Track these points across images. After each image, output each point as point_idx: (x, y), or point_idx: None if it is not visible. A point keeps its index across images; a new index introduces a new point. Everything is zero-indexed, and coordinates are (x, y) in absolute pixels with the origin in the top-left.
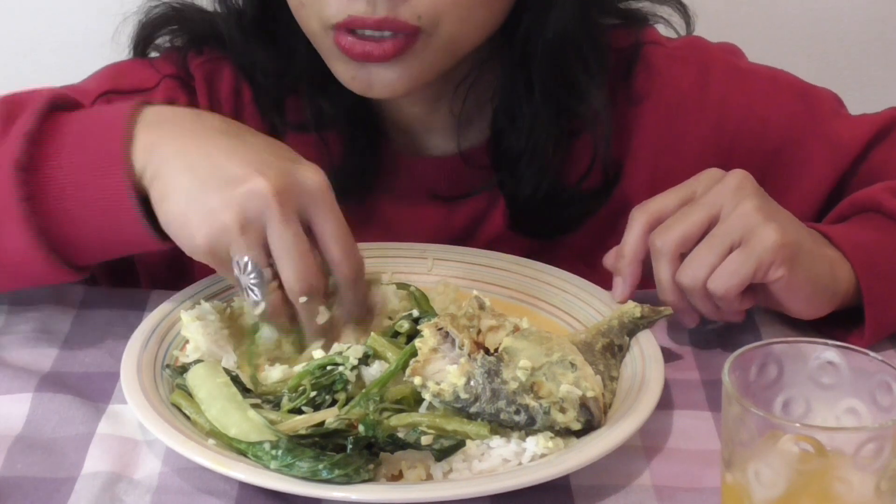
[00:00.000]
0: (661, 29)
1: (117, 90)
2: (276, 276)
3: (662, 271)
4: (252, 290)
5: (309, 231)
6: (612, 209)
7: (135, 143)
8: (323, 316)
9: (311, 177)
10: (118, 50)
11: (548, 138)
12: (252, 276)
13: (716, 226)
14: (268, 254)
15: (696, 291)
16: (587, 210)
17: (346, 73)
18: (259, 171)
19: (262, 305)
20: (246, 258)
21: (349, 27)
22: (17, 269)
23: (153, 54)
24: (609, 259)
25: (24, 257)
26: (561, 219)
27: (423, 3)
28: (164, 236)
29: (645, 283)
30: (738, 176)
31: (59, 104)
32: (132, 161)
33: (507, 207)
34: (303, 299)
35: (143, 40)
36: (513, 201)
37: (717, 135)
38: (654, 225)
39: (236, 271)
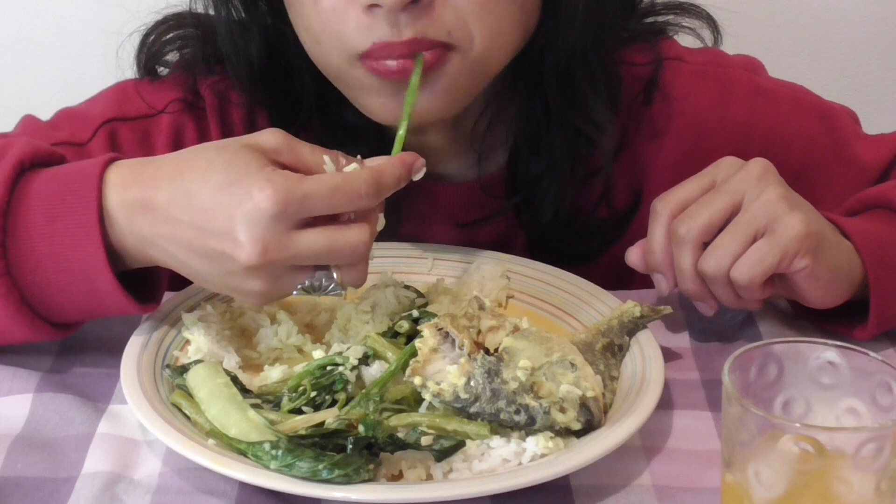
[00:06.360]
0: (684, 39)
1: (122, 117)
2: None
3: (685, 259)
4: (330, 292)
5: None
6: (633, 238)
7: (108, 214)
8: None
9: (264, 202)
10: (126, 48)
11: (565, 161)
12: (320, 291)
13: (739, 214)
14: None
15: (719, 280)
16: (609, 240)
17: (376, 104)
18: (238, 242)
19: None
20: (299, 288)
21: (376, 57)
22: (5, 334)
23: (162, 67)
24: (633, 256)
25: (9, 326)
26: (582, 248)
27: (451, 18)
28: (146, 302)
29: (645, 283)
30: (760, 164)
31: (27, 165)
32: (108, 235)
33: (527, 234)
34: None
35: (151, 56)
36: (532, 228)
37: (739, 157)
38: (677, 215)
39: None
